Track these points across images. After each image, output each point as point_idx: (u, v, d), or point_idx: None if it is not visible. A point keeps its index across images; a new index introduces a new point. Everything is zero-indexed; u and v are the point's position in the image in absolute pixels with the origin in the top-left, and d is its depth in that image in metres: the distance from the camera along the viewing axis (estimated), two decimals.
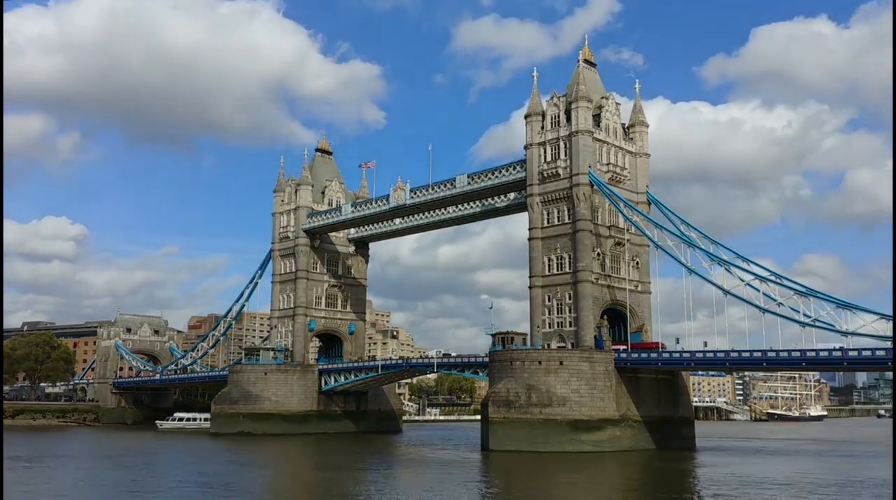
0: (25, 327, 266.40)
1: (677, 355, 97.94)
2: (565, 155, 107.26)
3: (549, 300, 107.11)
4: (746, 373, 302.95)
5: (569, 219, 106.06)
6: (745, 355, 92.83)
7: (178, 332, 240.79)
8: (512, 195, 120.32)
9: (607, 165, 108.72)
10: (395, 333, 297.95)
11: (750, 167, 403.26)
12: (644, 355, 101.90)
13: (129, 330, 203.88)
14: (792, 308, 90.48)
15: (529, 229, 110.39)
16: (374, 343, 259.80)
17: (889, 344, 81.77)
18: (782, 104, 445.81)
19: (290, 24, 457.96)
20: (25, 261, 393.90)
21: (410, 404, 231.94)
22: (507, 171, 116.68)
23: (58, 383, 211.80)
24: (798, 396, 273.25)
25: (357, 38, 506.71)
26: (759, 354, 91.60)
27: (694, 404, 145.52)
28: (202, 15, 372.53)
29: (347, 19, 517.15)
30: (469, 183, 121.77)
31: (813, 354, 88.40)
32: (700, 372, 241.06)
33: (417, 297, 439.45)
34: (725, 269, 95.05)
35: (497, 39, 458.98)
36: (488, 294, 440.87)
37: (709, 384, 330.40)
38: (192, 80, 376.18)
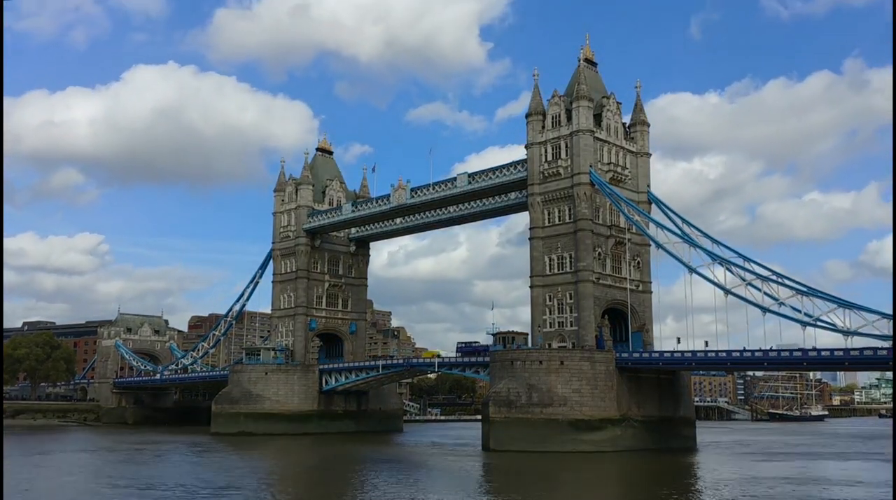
0: (26, 327, 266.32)
1: (678, 354, 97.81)
2: (566, 154, 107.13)
3: (549, 300, 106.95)
4: (748, 373, 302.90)
5: (570, 219, 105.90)
6: (746, 354, 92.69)
7: (179, 332, 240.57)
8: (513, 195, 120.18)
9: (608, 164, 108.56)
10: (396, 332, 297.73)
11: (680, 201, 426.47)
12: (645, 354, 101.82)
13: (129, 330, 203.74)
14: (793, 308, 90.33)
15: (530, 229, 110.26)
16: (375, 343, 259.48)
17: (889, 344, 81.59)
18: (695, 156, 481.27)
19: (302, 110, 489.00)
20: (48, 273, 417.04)
21: (412, 404, 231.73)
22: (508, 170, 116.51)
23: (58, 383, 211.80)
24: (799, 395, 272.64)
25: (355, 128, 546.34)
26: (760, 354, 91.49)
27: (695, 403, 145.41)
28: (236, 108, 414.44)
29: (349, 114, 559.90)
30: (469, 183, 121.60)
31: (814, 354, 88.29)
32: (701, 372, 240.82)
33: (400, 302, 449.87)
34: (727, 268, 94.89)
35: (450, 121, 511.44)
36: (467, 301, 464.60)
37: (710, 384, 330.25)
38: (214, 156, 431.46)
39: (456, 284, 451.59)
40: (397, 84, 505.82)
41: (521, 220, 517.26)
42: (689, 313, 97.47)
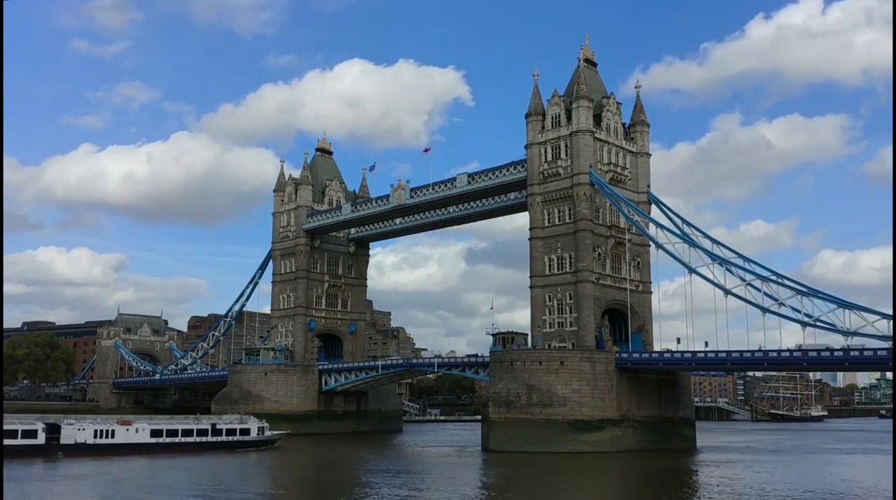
0: (25, 328, 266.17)
1: (678, 355, 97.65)
2: (566, 155, 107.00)
3: (549, 300, 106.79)
4: (748, 373, 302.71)
5: (570, 219, 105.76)
6: (745, 355, 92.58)
7: (178, 332, 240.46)
8: (512, 195, 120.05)
9: (608, 164, 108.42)
10: (395, 333, 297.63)
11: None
12: (645, 355, 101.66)
13: (128, 330, 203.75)
14: (793, 308, 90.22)
15: (530, 229, 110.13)
16: (375, 343, 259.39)
17: (889, 344, 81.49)
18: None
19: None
20: (69, 286, 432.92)
21: (411, 404, 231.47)
22: (508, 171, 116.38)
23: (58, 384, 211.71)
24: (799, 396, 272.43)
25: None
26: (760, 354, 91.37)
27: (695, 404, 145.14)
28: (254, 168, 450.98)
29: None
30: (469, 183, 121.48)
31: (814, 354, 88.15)
32: (701, 372, 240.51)
33: (383, 308, 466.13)
34: (727, 269, 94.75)
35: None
36: (446, 309, 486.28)
37: (710, 384, 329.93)
38: (230, 204, 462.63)
39: (433, 295, 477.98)
40: (366, 158, 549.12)
41: (484, 238, 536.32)
42: (689, 314, 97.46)
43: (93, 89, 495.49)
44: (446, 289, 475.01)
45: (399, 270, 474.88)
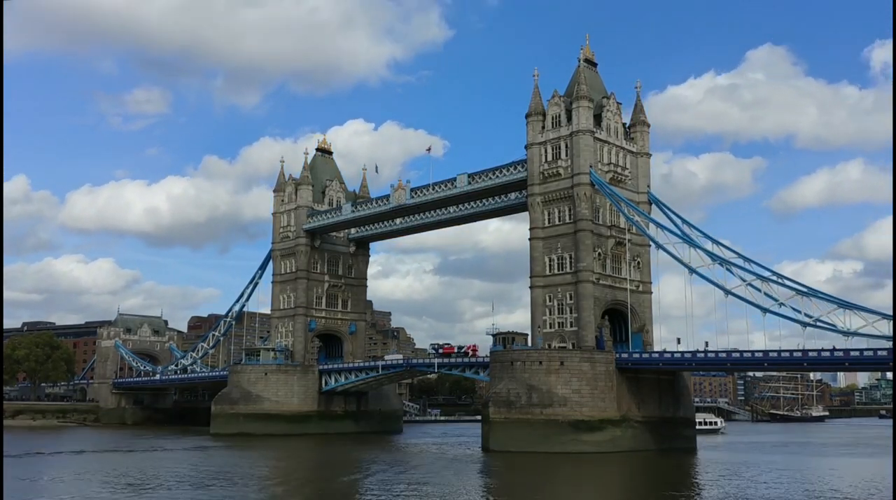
0: (25, 328, 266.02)
1: (678, 355, 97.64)
2: (566, 155, 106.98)
3: (549, 301, 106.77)
4: (748, 373, 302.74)
5: (570, 219, 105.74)
6: (746, 355, 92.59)
7: (178, 332, 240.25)
8: (512, 195, 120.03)
9: (608, 164, 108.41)
10: (395, 333, 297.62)
11: None
12: (645, 355, 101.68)
13: (128, 330, 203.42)
14: (793, 308, 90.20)
15: (530, 229, 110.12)
16: (375, 344, 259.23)
17: (889, 344, 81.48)
18: None
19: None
20: (81, 294, 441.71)
21: (411, 404, 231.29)
22: (508, 171, 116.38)
23: (58, 384, 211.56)
24: (800, 396, 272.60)
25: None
26: (760, 354, 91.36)
27: (695, 404, 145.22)
28: (259, 201, 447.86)
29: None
30: (470, 183, 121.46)
31: (814, 354, 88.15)
32: (701, 372, 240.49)
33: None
34: (727, 269, 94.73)
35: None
36: (426, 316, 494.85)
37: (710, 384, 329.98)
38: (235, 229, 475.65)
39: (416, 302, 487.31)
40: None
41: (453, 252, 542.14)
42: (689, 314, 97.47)
43: (123, 151, 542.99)
44: (428, 297, 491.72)
45: (381, 278, 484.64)
